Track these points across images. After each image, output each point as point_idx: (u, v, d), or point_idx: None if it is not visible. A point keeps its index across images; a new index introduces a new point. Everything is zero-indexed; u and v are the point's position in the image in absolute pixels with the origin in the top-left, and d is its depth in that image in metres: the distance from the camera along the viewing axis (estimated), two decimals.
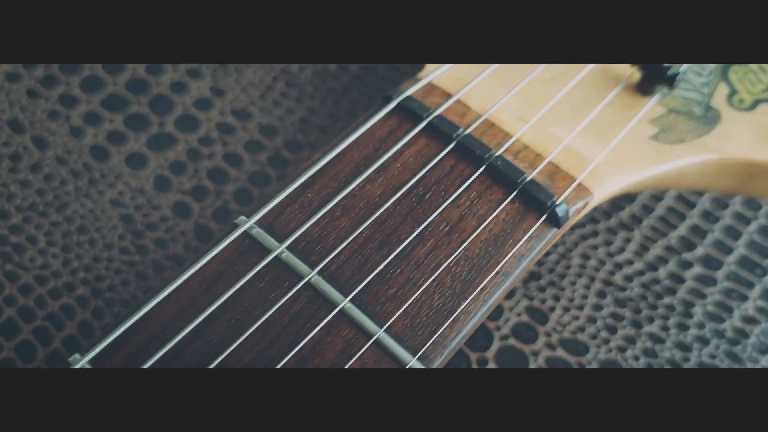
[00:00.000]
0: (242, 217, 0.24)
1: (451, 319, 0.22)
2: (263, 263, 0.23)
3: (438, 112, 0.26)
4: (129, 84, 0.38)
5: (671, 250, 0.34)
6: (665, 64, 0.28)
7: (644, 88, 0.28)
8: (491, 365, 0.31)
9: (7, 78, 0.37)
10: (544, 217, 0.24)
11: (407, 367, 0.21)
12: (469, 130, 0.26)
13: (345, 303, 0.22)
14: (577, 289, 0.32)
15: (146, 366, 0.21)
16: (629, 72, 0.29)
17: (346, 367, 0.21)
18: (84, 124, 0.36)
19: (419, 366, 0.21)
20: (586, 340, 0.31)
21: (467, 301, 0.22)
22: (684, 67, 0.28)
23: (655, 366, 0.31)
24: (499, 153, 0.25)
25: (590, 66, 0.29)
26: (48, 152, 0.35)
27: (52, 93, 0.37)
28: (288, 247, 0.23)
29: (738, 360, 0.31)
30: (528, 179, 0.24)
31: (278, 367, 0.21)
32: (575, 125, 0.26)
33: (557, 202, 0.24)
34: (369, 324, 0.22)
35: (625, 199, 0.35)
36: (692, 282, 0.33)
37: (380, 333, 0.22)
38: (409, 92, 0.26)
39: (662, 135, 0.27)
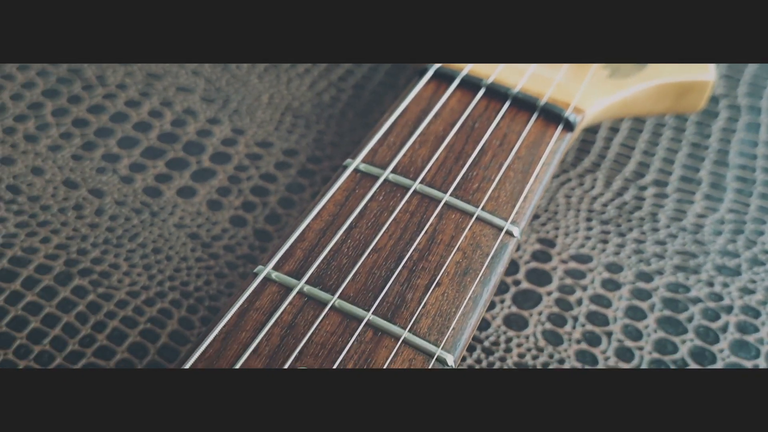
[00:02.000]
0: (348, 160, 0.31)
1: (523, 196, 0.30)
2: (378, 184, 0.30)
3: (464, 72, 0.35)
4: (161, 137, 0.44)
5: (628, 180, 0.43)
6: None
7: None
8: (524, 285, 0.38)
9: (50, 149, 0.43)
10: (561, 125, 0.33)
11: (503, 230, 0.29)
12: (490, 80, 0.34)
13: (446, 197, 0.29)
14: (569, 219, 0.41)
15: (318, 261, 0.27)
16: None
17: (462, 238, 0.28)
18: (131, 172, 0.42)
19: (514, 228, 0.29)
20: (588, 251, 0.40)
21: (529, 184, 0.30)
22: None
23: (644, 260, 0.39)
24: (517, 90, 0.34)
25: None
26: (106, 199, 0.41)
27: (94, 155, 0.43)
28: (391, 172, 0.30)
29: (701, 243, 0.40)
30: (543, 102, 0.33)
31: (412, 247, 0.28)
32: (557, 74, 0.36)
33: (567, 114, 0.33)
34: (469, 207, 0.29)
35: (583, 151, 0.44)
36: (651, 198, 0.42)
37: (479, 211, 0.29)
38: (436, 65, 0.35)
39: (614, 74, 0.37)
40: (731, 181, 0.43)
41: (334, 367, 0.25)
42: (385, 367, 0.25)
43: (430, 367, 0.25)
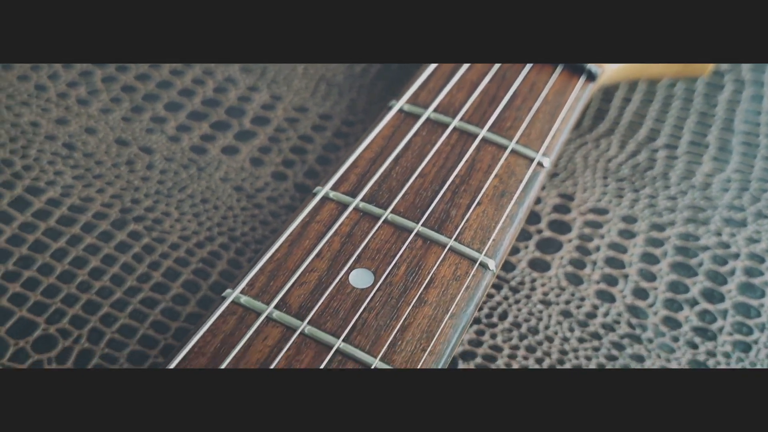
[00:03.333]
0: (393, 101, 0.34)
1: (551, 134, 0.33)
2: (421, 121, 0.33)
3: None
4: (204, 102, 0.47)
5: (641, 144, 0.46)
6: None
7: None
8: (546, 233, 0.41)
9: (101, 111, 0.46)
10: (584, 76, 0.36)
11: (535, 161, 0.32)
12: None
13: (483, 132, 0.33)
14: (587, 177, 0.44)
15: (371, 183, 0.30)
16: None
17: (498, 166, 0.31)
18: (178, 132, 0.45)
19: (544, 159, 0.32)
20: (605, 205, 0.43)
21: (557, 123, 0.33)
22: None
23: (656, 213, 0.42)
24: None
25: None
26: (156, 155, 0.44)
27: (143, 117, 0.46)
28: (433, 111, 0.33)
29: (710, 199, 0.43)
30: None
31: (454, 173, 0.31)
32: None
33: (590, 66, 0.36)
34: (504, 141, 0.32)
35: (598, 119, 0.47)
36: (662, 160, 0.45)
37: (513, 144, 0.32)
38: None
39: None
40: (736, 145, 0.46)
41: (389, 269, 0.27)
42: (433, 270, 0.27)
43: (473, 272, 0.28)
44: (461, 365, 0.36)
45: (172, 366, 0.25)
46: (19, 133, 0.44)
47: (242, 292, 0.27)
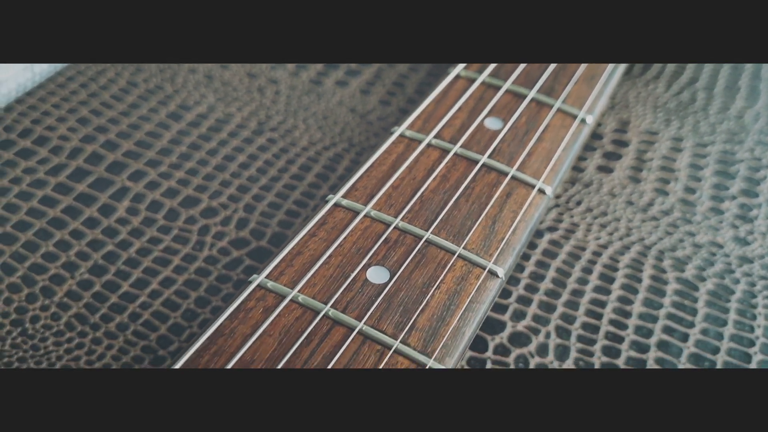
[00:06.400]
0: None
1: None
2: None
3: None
4: None
5: (683, 86, 0.55)
6: None
7: None
8: (609, 147, 0.50)
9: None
10: None
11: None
12: None
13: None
14: (639, 108, 0.53)
15: (488, 71, 0.39)
16: None
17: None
18: (297, 69, 0.54)
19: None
20: (656, 128, 0.51)
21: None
22: None
23: (699, 135, 0.51)
24: None
25: None
26: (281, 85, 0.53)
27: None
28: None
29: (744, 126, 0.52)
30: None
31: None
32: None
33: None
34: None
35: (646, 68, 0.57)
36: (702, 98, 0.54)
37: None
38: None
39: None
40: (764, 89, 0.55)
41: (514, 118, 0.36)
42: (546, 121, 0.36)
43: (576, 123, 0.36)
44: (546, 236, 0.44)
45: (358, 173, 0.33)
46: (166, 67, 0.53)
47: (407, 128, 0.35)
